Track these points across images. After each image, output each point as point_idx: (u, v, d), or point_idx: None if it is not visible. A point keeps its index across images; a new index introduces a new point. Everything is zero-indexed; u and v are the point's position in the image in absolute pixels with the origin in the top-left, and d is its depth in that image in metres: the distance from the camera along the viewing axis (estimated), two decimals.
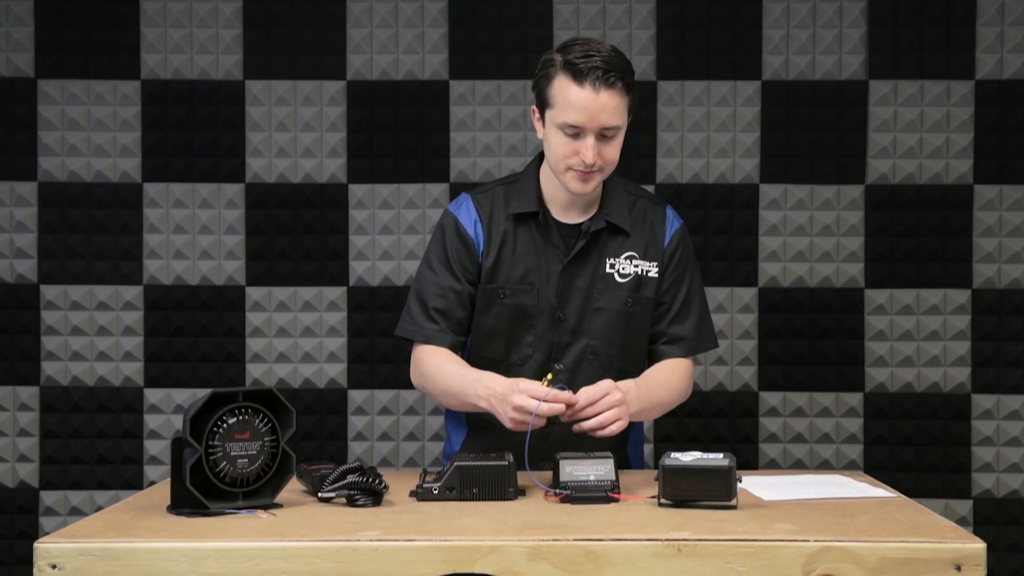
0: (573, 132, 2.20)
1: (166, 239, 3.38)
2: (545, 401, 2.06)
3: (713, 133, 3.35)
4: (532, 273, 2.33)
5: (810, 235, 3.34)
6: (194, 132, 3.37)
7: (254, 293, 3.38)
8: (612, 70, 2.17)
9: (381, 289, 3.37)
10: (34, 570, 1.69)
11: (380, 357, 3.37)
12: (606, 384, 2.17)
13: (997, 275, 3.32)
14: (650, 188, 3.34)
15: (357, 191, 3.37)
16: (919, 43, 3.33)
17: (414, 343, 2.38)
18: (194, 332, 3.38)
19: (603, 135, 2.20)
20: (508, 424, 2.11)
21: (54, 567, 1.67)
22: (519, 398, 2.08)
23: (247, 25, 3.37)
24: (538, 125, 2.29)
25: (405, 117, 3.37)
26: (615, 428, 2.15)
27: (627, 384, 2.24)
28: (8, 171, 3.37)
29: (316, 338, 3.38)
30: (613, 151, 2.24)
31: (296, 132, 3.37)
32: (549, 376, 2.11)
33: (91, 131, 3.37)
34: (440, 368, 2.30)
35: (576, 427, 2.15)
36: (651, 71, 3.35)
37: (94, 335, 3.38)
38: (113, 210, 3.38)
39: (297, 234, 3.38)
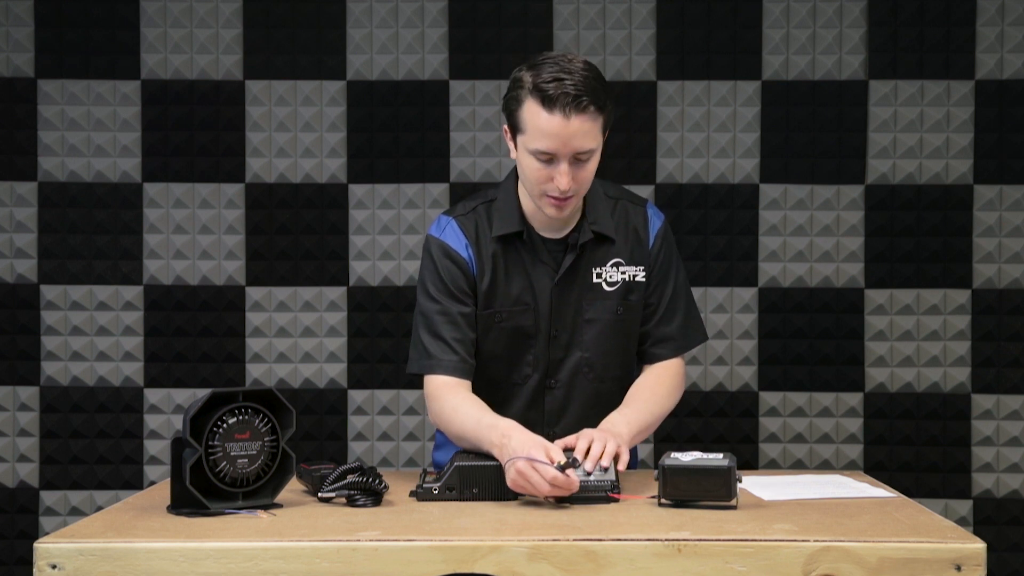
0: (546, 158, 2.13)
1: (166, 239, 3.38)
2: (551, 481, 1.93)
3: (713, 133, 3.35)
4: (526, 293, 2.28)
5: (810, 235, 3.34)
6: (194, 132, 3.37)
7: (254, 293, 3.38)
8: (583, 93, 2.08)
9: (381, 289, 3.37)
10: (34, 570, 1.69)
11: (380, 357, 3.37)
12: (581, 440, 2.06)
13: (997, 275, 3.33)
14: (650, 188, 3.34)
15: (357, 191, 3.37)
16: (919, 43, 3.33)
17: (426, 377, 2.28)
18: (194, 332, 3.38)
19: (577, 159, 2.13)
20: (507, 482, 1.99)
21: (54, 567, 1.67)
22: (525, 467, 1.94)
23: (247, 25, 3.37)
24: (510, 145, 2.22)
25: (405, 117, 3.37)
26: (613, 453, 2.05)
27: (613, 420, 2.18)
28: (8, 171, 3.37)
29: (316, 338, 3.38)
30: (588, 173, 2.17)
31: (296, 132, 3.37)
32: (561, 461, 1.95)
33: (91, 131, 3.37)
34: (456, 409, 2.20)
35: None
36: (651, 71, 3.35)
37: (94, 335, 3.38)
38: (113, 210, 3.38)
39: (297, 234, 3.38)
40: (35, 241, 3.38)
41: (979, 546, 1.67)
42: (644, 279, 2.33)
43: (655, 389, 2.32)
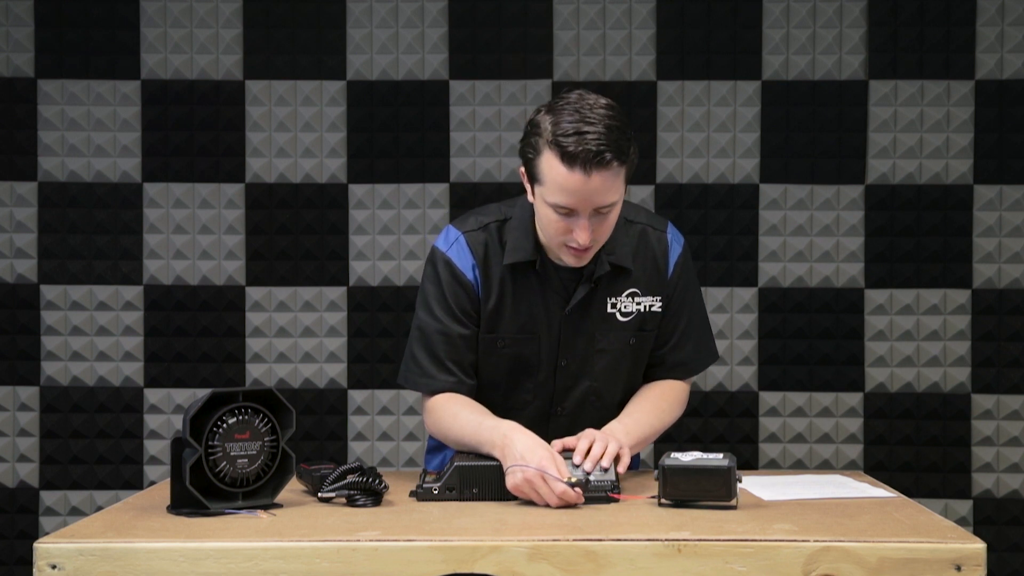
0: (565, 212, 2.03)
1: (166, 239, 3.38)
2: (558, 493, 1.93)
3: (713, 133, 3.35)
4: (532, 322, 2.21)
5: (810, 235, 3.34)
6: (194, 132, 3.37)
7: (254, 293, 3.38)
8: (605, 149, 1.97)
9: (381, 289, 3.37)
10: (34, 570, 1.69)
11: (380, 357, 3.37)
12: (582, 441, 2.06)
13: (997, 275, 3.33)
14: (650, 188, 3.34)
15: (357, 191, 3.37)
16: (919, 43, 3.33)
17: (424, 394, 2.26)
18: (194, 332, 3.38)
19: (598, 212, 2.04)
20: (508, 485, 1.98)
21: (54, 567, 1.67)
22: (535, 478, 1.94)
23: (247, 25, 3.37)
24: (528, 187, 2.12)
25: (405, 117, 3.37)
26: (616, 454, 2.05)
27: (612, 429, 2.16)
28: (8, 171, 3.37)
29: (316, 338, 3.38)
30: (609, 223, 2.09)
31: (296, 132, 3.37)
32: (572, 479, 1.94)
33: (91, 131, 3.37)
34: (456, 416, 2.16)
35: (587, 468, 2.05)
36: (651, 71, 3.35)
37: (94, 335, 3.38)
38: (113, 210, 3.38)
39: (297, 234, 3.38)
40: (35, 241, 3.38)
41: (979, 546, 1.67)
42: (660, 309, 2.26)
43: (657, 403, 2.27)
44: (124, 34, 3.37)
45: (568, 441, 2.06)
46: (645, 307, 2.25)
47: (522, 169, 2.12)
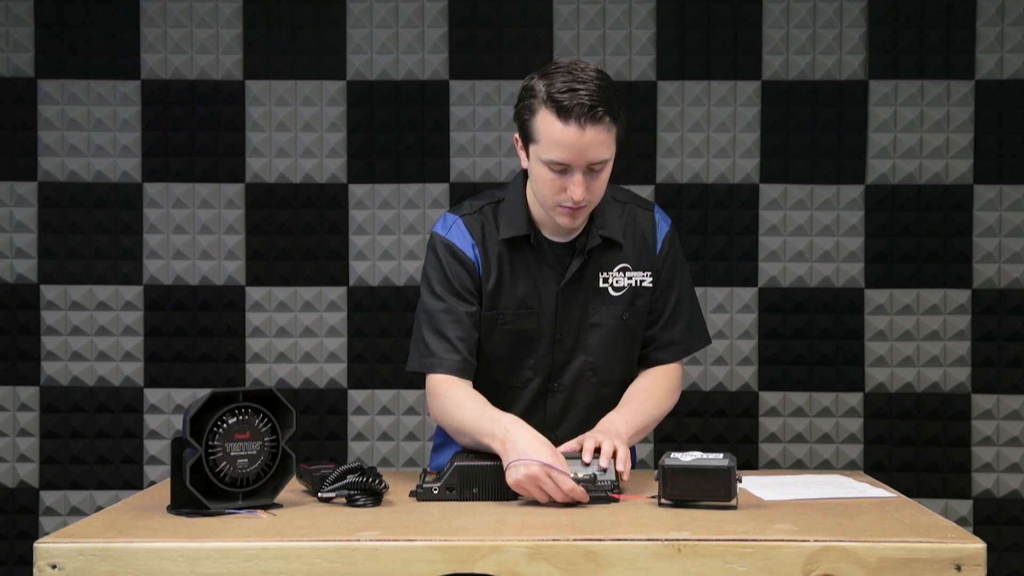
0: (560, 169, 2.11)
1: (166, 239, 3.38)
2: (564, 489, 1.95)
3: (713, 133, 3.35)
4: (530, 297, 2.27)
5: (810, 235, 3.34)
6: (194, 132, 3.37)
7: (254, 293, 3.39)
8: (598, 104, 2.07)
9: (381, 289, 3.37)
10: (34, 570, 1.69)
11: (380, 357, 3.37)
12: (588, 441, 2.08)
13: (997, 275, 3.33)
14: (650, 188, 3.34)
15: (357, 191, 3.37)
16: (919, 43, 3.33)
17: (428, 375, 2.27)
18: (194, 332, 3.38)
19: (591, 169, 2.12)
20: (509, 480, 1.99)
21: (54, 567, 1.67)
22: (541, 473, 1.95)
23: (247, 25, 3.37)
24: (521, 154, 2.21)
25: (405, 117, 3.37)
26: (623, 457, 2.08)
27: (611, 420, 2.19)
28: (8, 171, 3.37)
29: (316, 338, 3.38)
30: (601, 183, 2.16)
31: (296, 132, 3.37)
32: (579, 476, 1.97)
33: (91, 131, 3.37)
34: (458, 404, 2.19)
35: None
36: (651, 71, 3.35)
37: (94, 335, 3.38)
38: (113, 210, 3.38)
39: (297, 234, 3.38)
40: (35, 241, 3.38)
41: (979, 546, 1.67)
42: (651, 284, 2.32)
43: (653, 391, 2.31)
44: (124, 34, 3.37)
45: (572, 446, 2.07)
46: (636, 282, 2.31)
47: (516, 135, 2.21)
